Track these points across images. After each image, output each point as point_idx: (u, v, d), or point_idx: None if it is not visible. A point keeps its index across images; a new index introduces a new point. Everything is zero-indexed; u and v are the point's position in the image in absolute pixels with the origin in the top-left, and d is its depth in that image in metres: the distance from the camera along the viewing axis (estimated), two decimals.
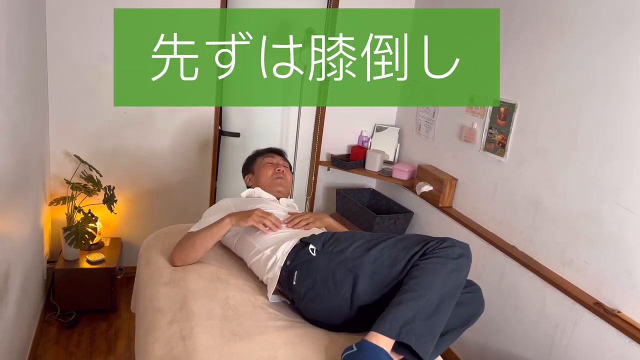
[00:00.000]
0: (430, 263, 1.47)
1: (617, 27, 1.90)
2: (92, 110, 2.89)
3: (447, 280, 1.45)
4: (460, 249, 1.51)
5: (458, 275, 1.49)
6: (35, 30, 2.44)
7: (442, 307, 1.43)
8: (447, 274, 1.46)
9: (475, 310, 1.67)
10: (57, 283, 2.72)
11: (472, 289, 1.69)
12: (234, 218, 1.83)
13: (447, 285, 1.45)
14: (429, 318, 1.40)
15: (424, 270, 1.46)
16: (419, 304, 1.39)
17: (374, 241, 1.61)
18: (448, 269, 1.46)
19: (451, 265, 1.47)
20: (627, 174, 1.85)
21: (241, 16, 3.08)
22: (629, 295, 1.84)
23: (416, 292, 1.41)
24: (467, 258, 1.53)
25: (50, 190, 2.90)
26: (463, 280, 1.52)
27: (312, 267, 1.62)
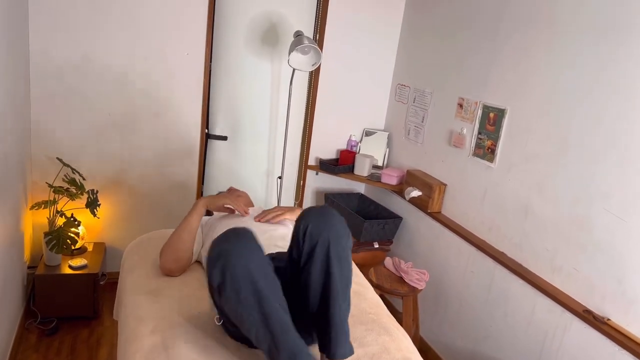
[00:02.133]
0: (224, 306, 1.34)
1: (606, 32, 1.89)
2: (75, 112, 2.83)
3: (244, 305, 1.27)
4: (217, 266, 1.27)
5: (241, 287, 1.26)
6: (17, 31, 2.38)
7: (271, 323, 1.27)
8: (237, 302, 1.27)
9: (323, 244, 1.39)
10: (38, 289, 2.65)
11: (303, 226, 1.42)
12: (205, 200, 1.85)
13: (248, 306, 1.26)
14: (278, 346, 1.26)
15: (228, 316, 1.36)
16: (262, 346, 1.29)
17: None
18: (233, 297, 1.27)
19: (228, 290, 1.27)
20: (617, 180, 1.84)
21: (229, 19, 3.04)
22: (619, 303, 1.82)
23: (249, 337, 1.32)
24: (228, 262, 1.26)
25: (31, 193, 2.83)
26: (247, 277, 1.27)
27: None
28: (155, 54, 2.89)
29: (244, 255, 1.27)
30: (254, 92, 3.23)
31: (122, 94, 2.89)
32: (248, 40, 3.10)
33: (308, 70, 2.81)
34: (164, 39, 2.88)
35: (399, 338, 1.66)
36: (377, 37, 3.31)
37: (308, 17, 3.20)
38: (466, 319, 2.58)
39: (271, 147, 3.36)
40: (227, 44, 3.09)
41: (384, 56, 3.36)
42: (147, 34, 2.84)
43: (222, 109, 3.19)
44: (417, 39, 3.15)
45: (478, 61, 2.58)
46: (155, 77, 2.92)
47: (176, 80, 2.97)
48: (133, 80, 2.89)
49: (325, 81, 3.28)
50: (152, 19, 2.82)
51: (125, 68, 2.85)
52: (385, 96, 3.45)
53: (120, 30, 2.78)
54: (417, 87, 3.11)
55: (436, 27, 2.95)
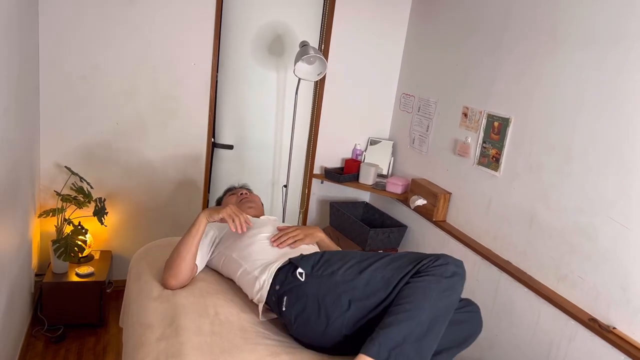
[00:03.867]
0: (422, 282, 1.43)
1: (610, 42, 1.91)
2: (83, 121, 2.87)
3: (439, 300, 1.41)
4: (454, 267, 1.47)
5: (451, 294, 1.44)
6: (28, 41, 2.42)
7: (433, 328, 1.39)
8: (439, 292, 1.41)
9: (473, 330, 1.64)
10: (45, 297, 2.67)
11: (471, 308, 1.65)
12: (207, 212, 1.81)
13: (439, 305, 1.41)
14: (420, 340, 1.35)
15: (415, 289, 1.42)
16: (410, 325, 1.35)
17: (366, 262, 1.56)
18: (440, 288, 1.42)
19: (444, 284, 1.43)
20: (621, 189, 1.84)
21: (236, 30, 3.08)
22: (624, 311, 1.82)
23: (407, 312, 1.37)
24: (461, 276, 1.49)
25: (40, 202, 2.87)
26: (456, 299, 1.48)
27: (301, 292, 1.56)
28: (163, 64, 2.92)
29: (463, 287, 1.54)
30: (260, 102, 3.26)
31: (130, 104, 2.92)
32: (254, 50, 3.13)
33: (313, 80, 2.84)
34: (171, 50, 2.92)
35: None
36: (382, 47, 3.34)
37: (314, 28, 3.23)
38: None
39: (277, 156, 3.38)
40: (233, 54, 3.12)
41: (388, 66, 3.39)
42: (154, 44, 2.88)
43: (228, 119, 3.22)
44: (422, 49, 3.17)
45: (482, 70, 2.59)
46: (162, 87, 2.96)
47: (183, 90, 3.00)
48: (140, 90, 2.92)
49: (330, 90, 3.31)
50: (160, 30, 2.87)
51: (133, 78, 2.89)
52: (390, 105, 3.47)
53: (128, 40, 2.83)
54: (421, 97, 3.13)
55: (441, 37, 2.98)
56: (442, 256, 1.50)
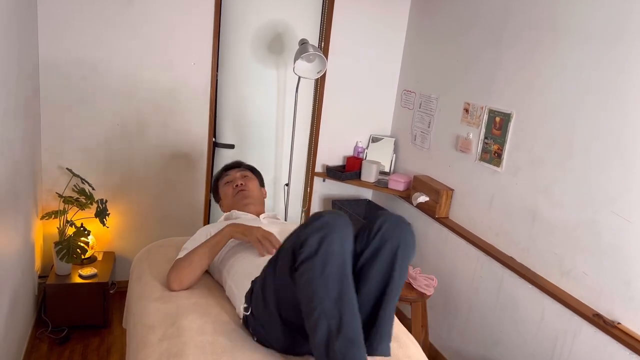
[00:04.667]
0: (301, 276, 1.32)
1: (611, 36, 1.89)
2: (84, 123, 2.87)
3: (325, 280, 1.29)
4: (316, 235, 1.31)
5: (331, 261, 1.30)
6: (27, 42, 2.42)
7: (343, 303, 1.29)
8: (320, 274, 1.29)
9: (393, 245, 1.41)
10: (49, 298, 2.68)
11: (377, 226, 1.43)
12: (234, 229, 1.77)
13: (329, 282, 1.29)
14: (340, 328, 1.27)
15: (301, 287, 1.33)
16: (322, 325, 1.27)
17: (269, 271, 1.50)
18: (318, 269, 1.29)
19: (318, 262, 1.30)
20: (624, 183, 1.83)
21: (235, 29, 3.07)
22: (629, 306, 1.81)
23: (311, 314, 1.29)
24: (329, 236, 1.31)
25: (42, 204, 2.87)
26: (342, 258, 1.32)
27: (252, 326, 1.56)
28: (163, 64, 2.92)
29: (344, 233, 1.33)
30: (261, 100, 3.25)
31: (130, 104, 2.92)
32: (254, 48, 3.13)
33: (313, 77, 2.83)
34: (171, 49, 2.91)
35: (407, 345, 1.65)
36: (382, 44, 3.33)
37: (313, 25, 3.22)
38: (475, 324, 2.57)
39: (278, 155, 3.37)
40: (233, 53, 3.12)
41: (389, 62, 3.38)
42: (154, 44, 2.88)
43: (229, 118, 3.22)
44: (422, 45, 3.16)
45: (483, 66, 2.58)
46: (162, 87, 2.96)
47: (183, 90, 3.00)
48: (141, 91, 2.92)
49: (331, 88, 3.30)
50: (159, 30, 2.86)
51: (133, 78, 2.89)
52: (391, 102, 3.46)
53: (128, 40, 2.82)
54: (422, 93, 3.12)
55: (441, 33, 2.97)
56: (303, 232, 1.34)
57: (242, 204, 2.13)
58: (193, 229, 3.13)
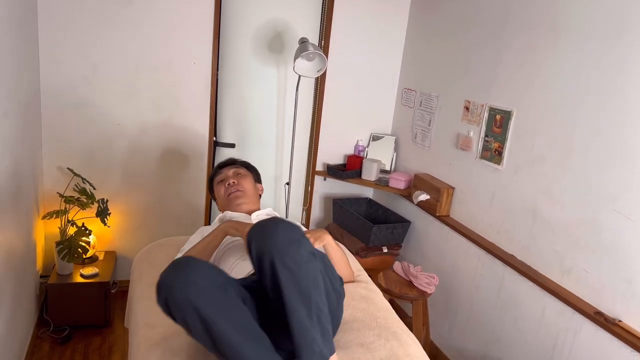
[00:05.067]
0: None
1: (613, 33, 1.89)
2: (85, 122, 2.87)
3: (202, 337, 1.28)
4: (161, 298, 1.30)
5: (188, 319, 1.27)
6: (27, 43, 2.42)
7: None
8: (197, 333, 1.28)
9: (268, 258, 1.30)
10: (50, 298, 2.68)
11: (250, 242, 1.35)
12: (229, 226, 1.73)
13: (206, 340, 1.29)
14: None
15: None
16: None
17: None
18: (193, 325, 1.28)
19: (180, 322, 1.30)
20: (625, 181, 1.83)
21: (235, 28, 3.07)
22: (630, 304, 1.81)
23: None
24: (171, 295, 1.27)
25: (43, 203, 2.87)
26: (196, 307, 1.26)
27: None
28: (163, 63, 2.92)
29: (182, 287, 1.26)
30: (261, 99, 3.25)
31: (131, 104, 2.93)
32: (254, 48, 3.12)
33: (313, 76, 2.83)
34: (171, 49, 2.91)
35: (408, 343, 1.65)
36: (382, 42, 3.32)
37: (313, 24, 3.22)
38: (476, 322, 2.57)
39: (279, 154, 3.37)
40: (233, 53, 3.12)
41: (389, 61, 3.37)
42: (154, 44, 2.88)
43: (229, 117, 3.22)
44: (423, 43, 3.16)
45: (483, 64, 2.58)
46: (163, 86, 2.96)
47: (184, 90, 3.00)
48: (141, 90, 2.92)
49: (331, 87, 3.30)
50: (159, 29, 2.86)
51: (134, 78, 2.89)
52: (392, 100, 3.46)
53: (128, 40, 2.83)
54: (423, 91, 3.12)
55: (441, 30, 2.96)
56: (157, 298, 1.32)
57: (235, 204, 2.08)
58: (194, 228, 3.15)
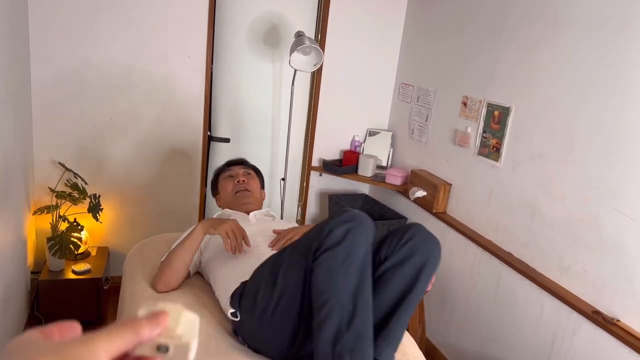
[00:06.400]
0: (320, 264, 1.30)
1: (614, 28, 1.86)
2: (76, 116, 2.82)
3: (346, 270, 1.28)
4: (343, 226, 1.31)
5: (354, 253, 1.30)
6: (17, 34, 2.37)
7: (359, 302, 1.28)
8: (341, 264, 1.28)
9: (422, 258, 1.42)
10: (41, 294, 2.64)
11: (408, 236, 1.43)
12: (206, 224, 1.71)
13: (350, 274, 1.28)
14: (351, 320, 1.25)
15: (319, 276, 1.30)
16: (334, 316, 1.25)
17: (274, 272, 1.45)
18: (340, 258, 1.28)
19: (341, 251, 1.29)
20: (626, 179, 1.80)
21: (230, 20, 3.02)
22: (629, 304, 1.79)
23: (324, 305, 1.27)
24: (356, 228, 1.32)
25: (34, 199, 2.83)
26: (363, 255, 1.33)
27: (243, 332, 1.52)
28: (156, 56, 2.87)
29: (369, 232, 1.35)
30: (256, 94, 3.21)
31: (124, 98, 2.88)
32: (249, 41, 3.08)
33: (309, 70, 2.78)
34: (165, 42, 2.86)
35: (403, 342, 1.62)
36: (379, 36, 3.28)
37: (310, 17, 3.17)
38: (473, 320, 2.55)
39: (274, 149, 3.33)
40: (228, 46, 3.07)
41: (386, 55, 3.33)
42: (147, 36, 2.82)
43: (224, 111, 3.17)
44: (420, 37, 3.12)
45: (482, 59, 2.54)
46: (156, 80, 2.91)
47: (178, 83, 2.95)
48: (134, 84, 2.87)
49: (327, 81, 3.26)
50: (153, 21, 2.81)
51: (127, 71, 2.84)
52: (389, 95, 3.42)
53: (120, 33, 2.77)
54: (420, 86, 3.08)
55: (439, 24, 2.92)
56: (328, 223, 1.35)
57: (241, 202, 2.08)
58: (188, 224, 3.10)
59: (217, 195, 2.25)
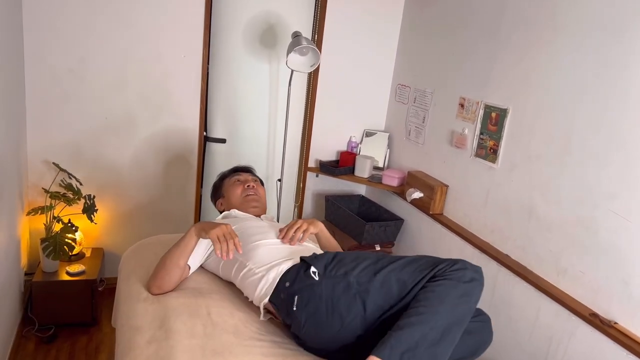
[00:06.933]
0: (438, 286, 1.36)
1: (611, 29, 1.85)
2: (71, 116, 2.80)
3: (455, 305, 1.34)
4: (472, 273, 1.40)
5: (468, 300, 1.37)
6: (11, 33, 2.34)
7: (449, 334, 1.32)
8: (456, 298, 1.34)
9: (484, 340, 1.59)
10: (35, 296, 2.61)
11: (482, 317, 1.61)
12: (198, 228, 1.70)
13: (455, 310, 1.34)
14: (434, 345, 1.29)
15: (431, 292, 1.35)
16: (424, 330, 1.28)
17: (381, 263, 1.49)
18: (458, 293, 1.35)
19: (461, 289, 1.36)
20: (622, 181, 1.80)
21: (227, 20, 3.00)
22: (626, 306, 1.78)
23: (421, 315, 1.30)
24: (479, 282, 1.41)
25: (28, 199, 2.80)
26: (473, 306, 1.41)
27: (315, 292, 1.48)
28: (152, 56, 2.85)
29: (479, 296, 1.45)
30: (253, 94, 3.19)
31: (119, 97, 2.85)
32: (246, 41, 3.06)
33: (306, 71, 2.77)
34: (161, 41, 2.84)
35: None
36: (376, 37, 3.27)
37: (307, 18, 3.16)
38: None
39: (270, 150, 3.32)
40: (224, 46, 3.05)
41: (384, 56, 3.33)
42: (143, 36, 2.80)
43: (220, 112, 3.15)
44: (418, 38, 3.11)
45: (479, 60, 2.54)
46: (152, 79, 2.89)
47: (173, 83, 2.93)
48: (129, 83, 2.85)
49: (324, 82, 3.25)
50: (148, 21, 2.79)
51: (122, 71, 2.82)
52: (386, 96, 3.41)
53: (116, 32, 2.75)
54: (417, 87, 3.07)
55: (437, 25, 2.92)
56: (460, 261, 1.43)
57: (251, 205, 2.09)
58: (183, 225, 3.09)
59: (219, 200, 2.23)
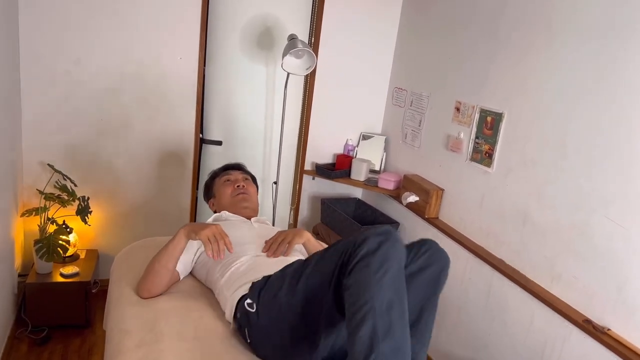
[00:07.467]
0: (353, 275, 1.28)
1: (607, 33, 1.85)
2: (67, 117, 2.79)
3: (380, 280, 1.25)
4: (376, 238, 1.30)
5: (388, 266, 1.28)
6: (6, 34, 2.34)
7: (394, 311, 1.25)
8: (375, 273, 1.26)
9: (440, 266, 1.48)
10: (29, 298, 2.60)
11: (425, 249, 1.48)
12: (187, 229, 1.69)
13: (384, 285, 1.26)
14: (388, 332, 1.22)
15: (352, 286, 1.28)
16: (369, 327, 1.21)
17: (298, 272, 1.44)
18: (374, 268, 1.26)
19: (375, 261, 1.27)
20: (617, 187, 1.79)
21: (224, 23, 3.00)
22: (619, 312, 1.78)
23: (357, 315, 1.23)
24: (389, 241, 1.31)
25: (22, 200, 2.79)
26: (397, 265, 1.31)
27: (258, 325, 1.47)
28: (148, 58, 2.85)
29: (402, 246, 1.36)
30: (249, 97, 3.19)
31: (115, 99, 2.85)
32: (243, 43, 3.06)
33: (302, 74, 2.77)
34: (157, 43, 2.84)
35: None
36: (373, 41, 3.27)
37: (303, 20, 3.16)
38: (464, 327, 2.53)
39: (266, 152, 3.31)
40: (221, 48, 3.05)
41: (380, 59, 3.32)
42: (140, 38, 2.80)
43: (216, 114, 3.15)
44: (414, 42, 3.11)
45: (475, 64, 2.53)
46: (148, 81, 2.88)
47: (170, 85, 2.93)
48: (126, 85, 2.85)
49: (321, 85, 3.24)
50: (145, 23, 2.79)
51: (118, 73, 2.81)
52: (382, 100, 3.41)
53: (112, 34, 2.75)
54: (414, 91, 3.07)
55: (433, 30, 2.91)
56: (361, 235, 1.35)
57: (241, 206, 2.07)
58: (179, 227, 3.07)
59: (211, 199, 2.22)
